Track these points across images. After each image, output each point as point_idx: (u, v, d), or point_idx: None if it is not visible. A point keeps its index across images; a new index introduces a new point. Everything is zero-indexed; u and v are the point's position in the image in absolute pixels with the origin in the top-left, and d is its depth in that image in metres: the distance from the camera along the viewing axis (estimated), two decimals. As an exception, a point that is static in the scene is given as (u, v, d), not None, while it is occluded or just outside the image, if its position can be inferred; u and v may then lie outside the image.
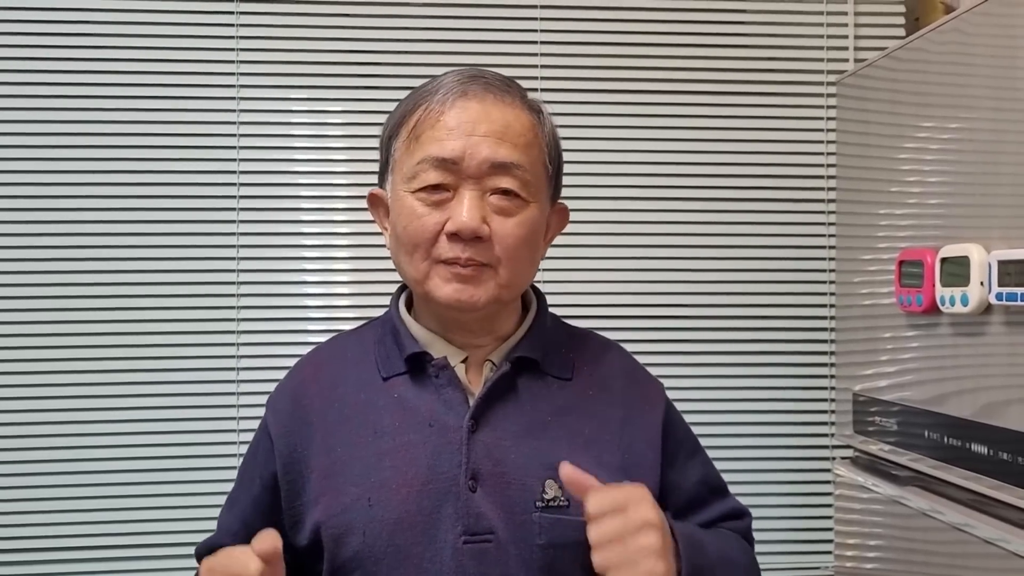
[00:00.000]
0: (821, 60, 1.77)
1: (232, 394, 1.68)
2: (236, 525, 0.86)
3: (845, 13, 1.77)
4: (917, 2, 1.82)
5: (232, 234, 1.69)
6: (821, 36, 1.77)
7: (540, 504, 0.79)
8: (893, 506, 1.28)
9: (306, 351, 0.94)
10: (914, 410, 1.22)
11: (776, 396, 1.76)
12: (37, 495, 1.63)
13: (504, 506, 0.79)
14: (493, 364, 0.85)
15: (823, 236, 1.77)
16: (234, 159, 1.69)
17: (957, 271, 1.08)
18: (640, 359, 0.96)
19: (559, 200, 0.91)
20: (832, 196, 1.71)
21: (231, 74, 1.69)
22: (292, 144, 1.71)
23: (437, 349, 0.85)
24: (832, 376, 1.73)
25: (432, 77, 0.85)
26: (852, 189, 1.44)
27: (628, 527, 0.69)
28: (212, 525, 0.91)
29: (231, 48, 1.69)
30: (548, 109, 0.88)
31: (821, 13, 1.77)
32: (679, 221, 1.76)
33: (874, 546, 1.36)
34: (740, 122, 1.76)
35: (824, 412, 1.76)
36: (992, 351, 1.06)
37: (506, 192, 0.81)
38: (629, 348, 0.96)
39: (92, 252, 1.66)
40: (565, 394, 0.86)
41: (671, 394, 0.94)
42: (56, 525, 1.62)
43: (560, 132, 0.90)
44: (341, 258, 1.71)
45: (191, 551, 0.90)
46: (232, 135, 1.69)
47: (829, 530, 1.59)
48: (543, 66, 1.74)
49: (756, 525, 0.95)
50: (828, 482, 1.71)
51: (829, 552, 1.63)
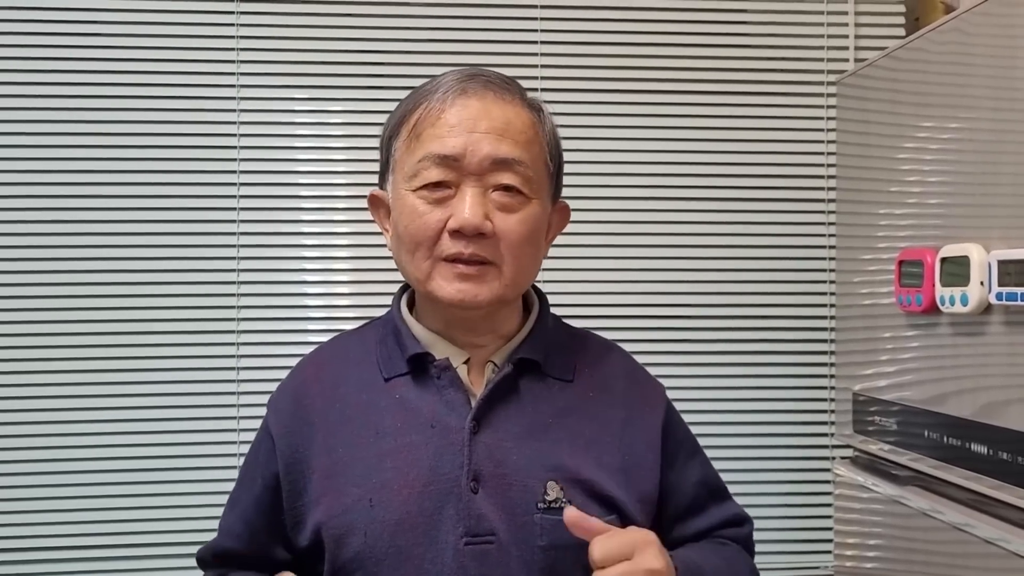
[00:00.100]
0: (821, 60, 1.77)
1: (232, 394, 1.68)
2: (238, 526, 0.86)
3: (845, 13, 1.77)
4: (917, 2, 1.82)
5: (232, 234, 1.69)
6: (821, 36, 1.77)
7: (541, 505, 0.79)
8: (893, 506, 1.28)
9: (306, 351, 0.93)
10: (914, 410, 1.22)
11: (776, 396, 1.76)
12: (37, 495, 1.63)
13: (505, 507, 0.79)
14: (495, 365, 0.85)
15: (823, 236, 1.77)
16: (234, 159, 1.69)
17: (957, 271, 1.08)
18: (640, 359, 0.96)
19: (560, 199, 0.91)
20: (832, 196, 1.71)
21: (231, 74, 1.69)
22: (292, 144, 1.71)
23: (439, 350, 0.85)
24: (832, 376, 1.73)
25: (432, 77, 0.85)
26: (852, 189, 1.44)
27: (634, 575, 0.70)
28: (213, 525, 0.90)
29: (231, 48, 1.69)
30: (548, 108, 0.88)
31: (821, 13, 1.77)
32: (679, 221, 1.76)
33: (874, 546, 1.36)
34: (740, 122, 1.76)
35: (824, 412, 1.76)
36: (992, 351, 1.06)
37: (508, 188, 0.81)
38: (629, 348, 0.96)
39: (92, 252, 1.66)
40: (566, 395, 0.86)
41: (671, 394, 0.94)
42: (55, 525, 1.62)
43: (560, 132, 0.89)
44: (341, 258, 1.71)
45: (192, 551, 0.91)
46: (232, 135, 1.69)
47: (829, 530, 1.59)
48: (543, 66, 1.74)
49: (756, 525, 0.95)
50: (828, 482, 1.71)
51: (829, 552, 1.63)
